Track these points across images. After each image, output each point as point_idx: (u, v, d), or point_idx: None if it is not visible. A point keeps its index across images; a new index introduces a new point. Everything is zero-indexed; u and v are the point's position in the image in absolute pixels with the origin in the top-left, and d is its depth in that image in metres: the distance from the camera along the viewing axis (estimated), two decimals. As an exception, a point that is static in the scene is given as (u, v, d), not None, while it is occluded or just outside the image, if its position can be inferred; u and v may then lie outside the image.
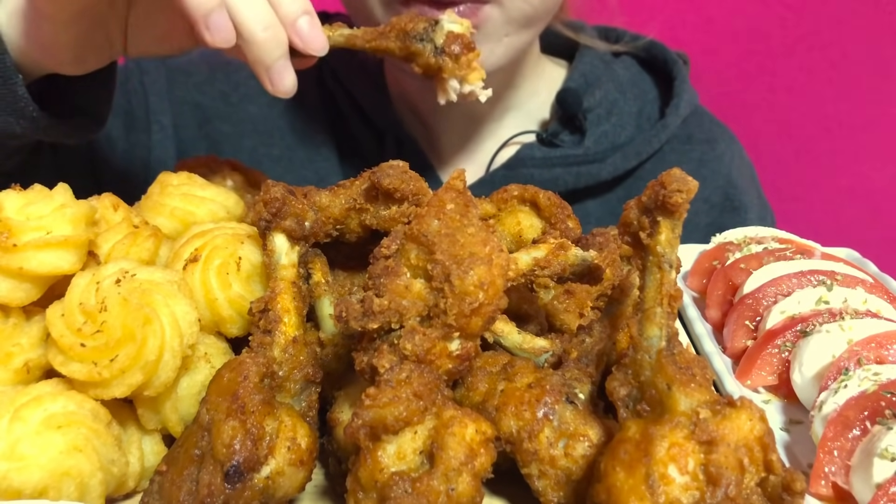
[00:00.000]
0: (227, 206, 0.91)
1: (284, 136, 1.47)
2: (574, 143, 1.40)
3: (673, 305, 0.64)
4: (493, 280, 0.63)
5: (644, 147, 1.40)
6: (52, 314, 0.69)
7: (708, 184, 1.46)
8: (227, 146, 1.46)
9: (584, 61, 1.47)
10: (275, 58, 0.82)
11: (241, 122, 1.47)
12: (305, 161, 1.46)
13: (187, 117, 1.47)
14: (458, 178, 0.70)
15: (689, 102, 1.46)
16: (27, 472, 0.61)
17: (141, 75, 1.44)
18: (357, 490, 0.59)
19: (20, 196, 0.75)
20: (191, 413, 0.72)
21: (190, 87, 1.48)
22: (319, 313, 0.78)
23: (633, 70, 1.50)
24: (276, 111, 1.48)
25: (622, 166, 1.38)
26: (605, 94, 1.43)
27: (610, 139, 1.40)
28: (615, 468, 0.56)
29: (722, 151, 1.49)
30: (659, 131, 1.41)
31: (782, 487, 0.54)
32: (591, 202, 1.42)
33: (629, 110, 1.45)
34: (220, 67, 1.50)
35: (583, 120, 1.39)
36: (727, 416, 0.56)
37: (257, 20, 0.80)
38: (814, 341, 0.82)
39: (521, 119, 1.47)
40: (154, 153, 1.42)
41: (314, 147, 1.47)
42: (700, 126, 1.50)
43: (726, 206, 1.45)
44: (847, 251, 1.11)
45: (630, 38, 1.54)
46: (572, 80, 1.44)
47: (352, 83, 1.44)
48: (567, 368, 0.71)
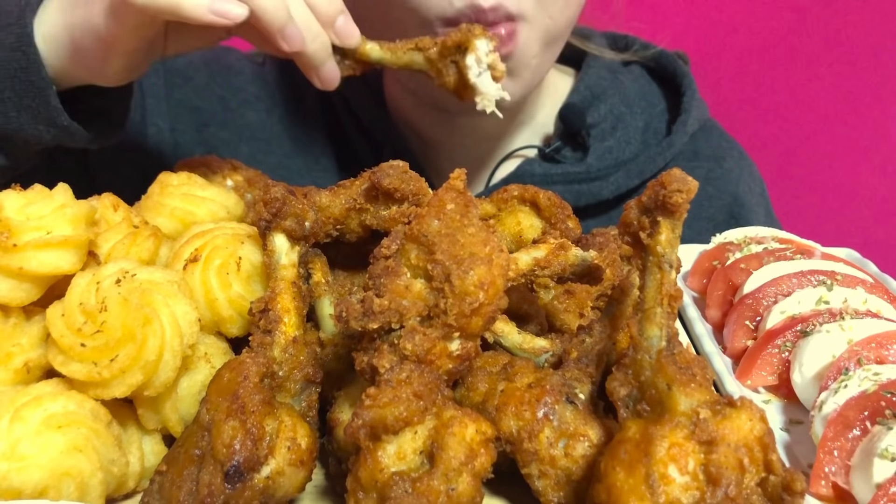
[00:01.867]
0: (227, 206, 0.91)
1: (283, 145, 1.46)
2: (576, 159, 1.38)
3: (673, 305, 0.64)
4: (493, 280, 0.63)
5: (648, 166, 1.36)
6: (52, 314, 0.69)
7: (713, 202, 1.42)
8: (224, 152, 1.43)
9: (590, 73, 1.44)
10: (322, 60, 0.93)
11: (239, 128, 1.46)
12: (303, 170, 1.45)
13: (185, 121, 1.45)
14: (459, 178, 0.70)
15: (697, 119, 1.43)
16: (27, 472, 0.61)
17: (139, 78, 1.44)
18: (357, 490, 0.59)
19: (20, 196, 0.75)
20: (191, 413, 0.72)
21: (188, 90, 1.46)
22: (319, 313, 0.78)
23: (641, 81, 1.47)
24: (275, 118, 1.47)
25: (624, 185, 1.35)
26: (610, 107, 1.40)
27: (614, 155, 1.37)
28: (615, 468, 0.56)
29: (729, 168, 1.46)
30: (664, 149, 1.38)
31: (782, 487, 0.54)
32: (592, 221, 1.38)
33: (635, 125, 1.41)
34: (220, 72, 1.49)
35: (586, 137, 1.37)
36: (727, 416, 0.56)
37: (307, 31, 0.89)
38: (814, 341, 0.82)
39: (525, 132, 1.45)
40: (150, 156, 1.41)
41: (312, 156, 1.46)
42: (708, 142, 1.47)
43: (731, 225, 1.39)
44: (847, 251, 1.11)
45: (640, 47, 1.51)
46: (577, 94, 1.41)
47: (350, 94, 1.43)
48: (567, 368, 0.71)
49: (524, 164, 1.39)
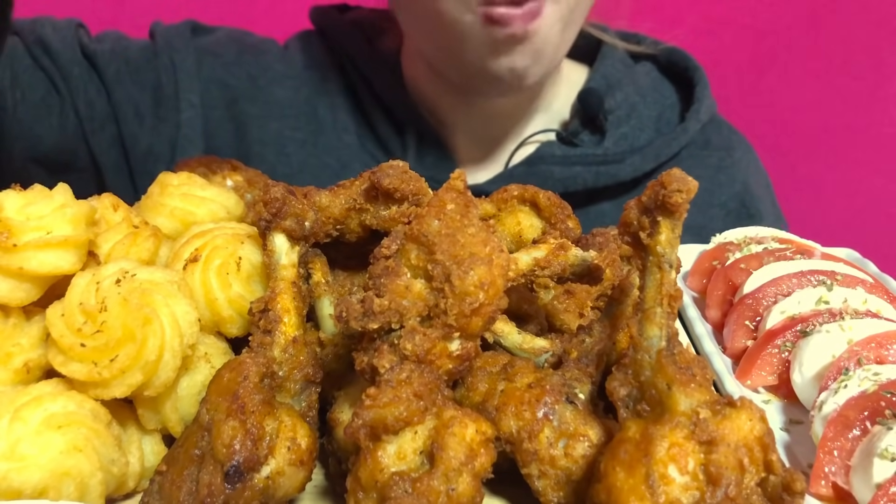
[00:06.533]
0: (227, 206, 0.91)
1: (310, 122, 1.48)
2: (594, 143, 1.41)
3: (673, 305, 0.64)
4: (493, 280, 0.63)
5: (663, 149, 1.40)
6: (52, 314, 0.69)
7: (725, 189, 1.46)
8: (253, 128, 1.46)
9: (605, 63, 1.48)
10: None
11: (267, 104, 1.48)
12: (329, 147, 1.47)
13: (215, 97, 1.47)
14: (459, 179, 0.70)
15: (708, 109, 1.46)
16: (27, 472, 0.61)
17: (171, 53, 1.44)
18: (357, 490, 0.59)
19: (20, 196, 0.75)
20: (191, 413, 0.72)
21: (218, 67, 1.48)
22: (319, 313, 0.78)
23: (653, 75, 1.51)
24: (302, 96, 1.49)
25: (641, 168, 1.39)
26: (625, 96, 1.44)
27: (629, 141, 1.41)
28: (615, 468, 0.56)
29: (739, 158, 1.50)
30: (679, 135, 1.42)
31: (782, 487, 0.54)
32: (607, 204, 1.42)
33: (648, 114, 1.45)
34: (249, 49, 1.51)
35: (603, 120, 1.40)
36: (727, 416, 0.56)
37: None
38: (814, 341, 0.82)
39: (541, 119, 1.48)
40: (182, 130, 1.42)
41: (336, 134, 1.48)
42: (718, 133, 1.51)
43: (742, 214, 1.45)
44: (847, 251, 1.11)
45: (651, 43, 1.55)
46: (594, 81, 1.45)
47: (371, 75, 1.45)
48: (567, 368, 0.71)
49: (544, 146, 1.42)
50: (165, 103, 1.42)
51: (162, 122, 1.42)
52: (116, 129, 1.41)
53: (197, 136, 1.42)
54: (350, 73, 1.48)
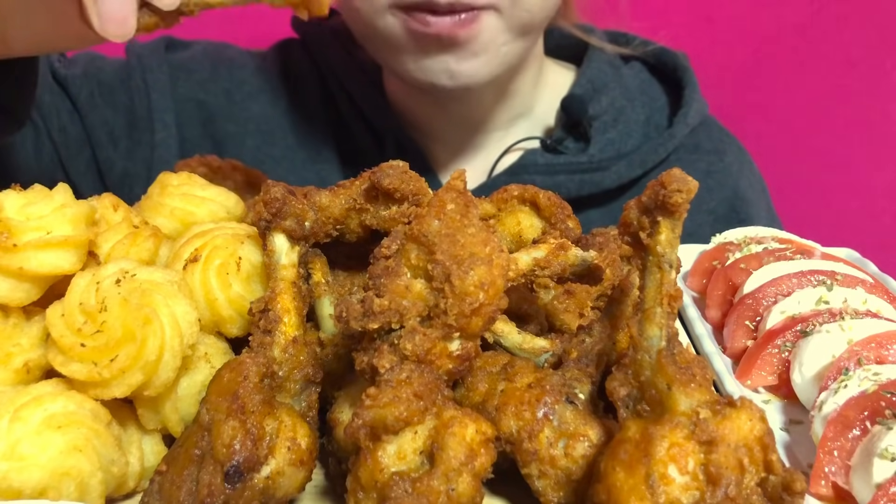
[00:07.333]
0: (227, 206, 0.91)
1: (286, 136, 1.46)
2: (578, 150, 1.39)
3: (673, 305, 0.64)
4: (493, 280, 0.63)
5: (649, 156, 1.37)
6: (52, 314, 0.69)
7: (714, 195, 1.43)
8: (230, 145, 1.45)
9: (592, 66, 1.44)
10: None
11: (244, 121, 1.46)
12: (307, 162, 1.45)
13: (191, 115, 1.45)
14: (459, 178, 0.70)
15: (698, 112, 1.43)
16: (27, 472, 0.61)
17: (143, 73, 1.42)
18: (357, 490, 0.59)
19: (20, 196, 0.75)
20: (191, 413, 0.72)
21: (193, 84, 1.46)
22: (319, 313, 0.78)
23: (642, 76, 1.48)
24: (279, 110, 1.47)
25: (626, 175, 1.36)
26: (612, 100, 1.41)
27: (616, 147, 1.38)
28: (615, 468, 0.56)
29: (730, 163, 1.46)
30: (666, 140, 1.39)
31: (782, 487, 0.54)
32: (594, 211, 1.40)
33: (636, 118, 1.42)
34: (223, 64, 1.49)
35: (588, 127, 1.38)
36: (727, 416, 0.56)
37: None
38: (814, 341, 0.82)
39: (525, 126, 1.45)
40: (157, 151, 1.41)
41: (315, 149, 1.46)
42: (709, 136, 1.47)
43: (732, 219, 1.42)
44: (847, 251, 1.11)
45: (640, 43, 1.52)
46: (579, 86, 1.42)
47: (351, 85, 1.43)
48: (567, 368, 0.71)
49: (527, 154, 1.39)
50: (139, 125, 1.41)
51: (137, 144, 1.40)
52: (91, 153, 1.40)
53: (172, 156, 1.40)
54: (330, 82, 1.46)
